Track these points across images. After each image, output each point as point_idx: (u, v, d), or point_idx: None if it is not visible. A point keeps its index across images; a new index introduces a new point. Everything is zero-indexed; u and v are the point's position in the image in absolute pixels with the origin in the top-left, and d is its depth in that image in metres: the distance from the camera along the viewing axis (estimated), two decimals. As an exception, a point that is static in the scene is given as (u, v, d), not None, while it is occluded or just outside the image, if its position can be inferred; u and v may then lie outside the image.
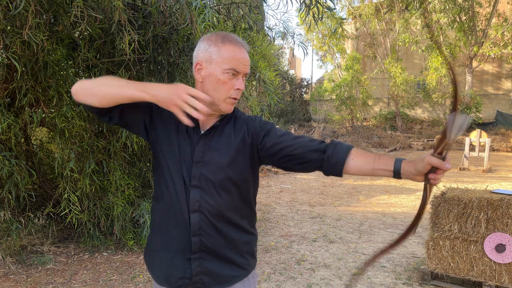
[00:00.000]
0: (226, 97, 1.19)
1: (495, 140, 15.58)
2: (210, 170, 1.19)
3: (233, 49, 1.18)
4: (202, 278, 1.21)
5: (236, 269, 1.25)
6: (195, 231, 1.19)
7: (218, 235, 1.21)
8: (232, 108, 1.23)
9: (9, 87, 3.30)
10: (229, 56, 1.17)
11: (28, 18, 2.55)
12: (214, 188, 1.19)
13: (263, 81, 3.96)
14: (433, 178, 0.99)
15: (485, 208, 2.99)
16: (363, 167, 1.12)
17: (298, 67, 37.90)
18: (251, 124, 1.24)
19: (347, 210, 6.24)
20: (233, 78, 1.18)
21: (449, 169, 0.97)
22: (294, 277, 3.46)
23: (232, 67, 1.17)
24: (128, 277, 3.43)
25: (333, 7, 3.78)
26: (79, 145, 3.61)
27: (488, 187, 3.57)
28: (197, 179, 1.19)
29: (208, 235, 1.20)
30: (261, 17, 4.51)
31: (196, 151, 1.20)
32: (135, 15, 3.26)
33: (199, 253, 1.20)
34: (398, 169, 1.07)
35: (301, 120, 23.06)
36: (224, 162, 1.20)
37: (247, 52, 1.21)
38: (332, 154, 1.13)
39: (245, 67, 1.19)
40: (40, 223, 4.20)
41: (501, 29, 17.18)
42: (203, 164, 1.19)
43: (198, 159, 1.20)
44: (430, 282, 3.30)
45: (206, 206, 1.19)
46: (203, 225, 1.19)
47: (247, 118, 1.27)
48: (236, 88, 1.19)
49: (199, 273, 1.20)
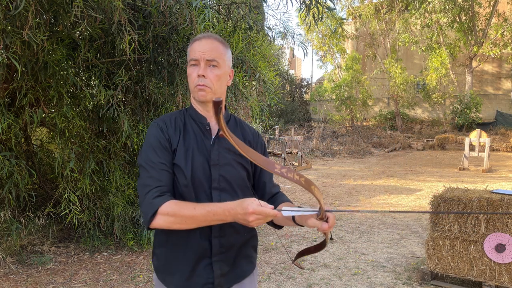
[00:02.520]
0: (194, 87, 1.23)
1: (495, 140, 15.59)
2: (228, 171, 1.24)
3: (194, 44, 1.24)
4: (221, 281, 1.23)
5: (247, 264, 1.31)
6: (216, 232, 1.21)
7: (236, 234, 1.25)
8: (203, 95, 1.23)
9: (9, 87, 3.30)
10: (190, 50, 1.25)
11: (28, 18, 2.55)
12: (233, 188, 1.24)
13: (263, 81, 3.96)
14: (320, 230, 1.07)
15: (485, 208, 2.99)
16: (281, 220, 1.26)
17: (298, 67, 37.91)
18: (256, 137, 1.37)
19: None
20: (196, 68, 1.23)
21: (328, 229, 1.06)
22: (294, 277, 3.46)
23: (191, 57, 1.23)
24: (128, 277, 3.44)
25: (333, 7, 3.78)
26: (79, 145, 3.62)
27: (488, 187, 3.57)
28: (217, 181, 1.22)
29: (226, 235, 1.23)
30: (261, 17, 4.51)
31: (212, 154, 1.23)
32: (135, 15, 3.26)
33: (219, 255, 1.22)
34: (295, 221, 1.20)
35: (301, 120, 23.07)
36: (239, 162, 1.26)
37: (211, 41, 1.23)
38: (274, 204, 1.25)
39: (204, 53, 1.21)
40: (40, 223, 4.20)
41: (501, 29, 17.18)
42: (220, 166, 1.23)
43: (215, 162, 1.23)
44: (430, 282, 3.30)
45: None
46: (223, 226, 1.20)
47: (253, 130, 1.39)
48: (197, 75, 1.22)
49: (220, 275, 1.23)
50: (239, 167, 1.27)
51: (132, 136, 3.55)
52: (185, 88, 3.68)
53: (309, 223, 1.10)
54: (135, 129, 3.64)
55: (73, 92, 3.69)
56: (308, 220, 1.10)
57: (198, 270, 1.21)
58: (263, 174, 1.36)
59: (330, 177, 9.91)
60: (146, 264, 3.72)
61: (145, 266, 3.68)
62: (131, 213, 3.97)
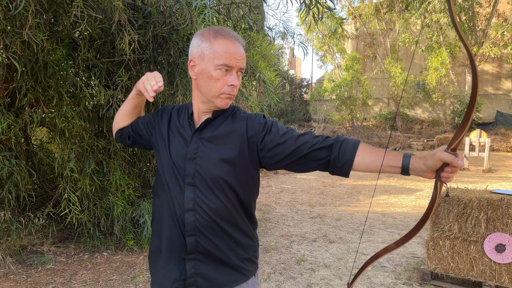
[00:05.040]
0: (220, 94, 1.14)
1: (495, 140, 15.59)
2: (204, 166, 1.14)
3: (225, 44, 1.12)
4: (197, 280, 1.16)
5: (233, 272, 1.18)
6: (190, 230, 1.14)
7: (215, 236, 1.15)
8: (228, 103, 1.17)
9: (9, 87, 3.30)
10: (221, 51, 1.12)
11: (28, 18, 2.55)
12: (209, 187, 1.14)
13: (263, 81, 3.96)
14: (445, 176, 0.93)
15: (485, 208, 2.99)
16: (370, 164, 1.06)
17: (298, 67, 37.89)
18: (251, 123, 1.17)
19: (347, 210, 6.24)
20: (226, 74, 1.13)
21: (461, 166, 0.91)
22: (294, 277, 3.46)
23: (224, 62, 1.11)
24: (128, 277, 3.43)
25: (333, 7, 3.78)
26: (79, 145, 3.61)
27: (488, 187, 3.57)
28: (191, 176, 1.14)
29: (203, 235, 1.15)
30: (261, 17, 4.51)
31: (190, 147, 1.16)
32: (135, 15, 3.26)
33: (194, 254, 1.16)
34: (407, 165, 1.00)
35: (301, 120, 23.07)
36: (218, 158, 1.14)
37: (241, 46, 1.16)
38: (338, 156, 1.07)
39: (239, 61, 1.13)
40: (40, 223, 4.20)
41: (501, 29, 17.17)
42: (196, 161, 1.15)
43: (192, 156, 1.15)
44: (430, 282, 3.30)
45: (202, 205, 1.14)
46: (198, 225, 1.14)
47: (247, 116, 1.20)
48: (230, 84, 1.13)
49: (194, 274, 1.16)
50: (221, 163, 1.13)
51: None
52: (185, 88, 3.68)
53: (437, 156, 0.92)
54: (135, 129, 3.63)
55: (73, 92, 3.69)
56: (435, 154, 0.92)
57: (171, 264, 1.18)
58: (284, 149, 1.12)
59: (330, 177, 9.91)
60: (146, 264, 3.71)
61: (145, 266, 3.67)
62: (131, 213, 3.96)
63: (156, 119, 1.32)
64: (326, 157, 1.08)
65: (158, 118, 1.32)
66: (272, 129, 1.15)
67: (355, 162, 1.06)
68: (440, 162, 0.93)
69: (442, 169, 0.93)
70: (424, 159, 0.97)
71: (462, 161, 0.91)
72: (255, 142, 1.16)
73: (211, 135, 1.17)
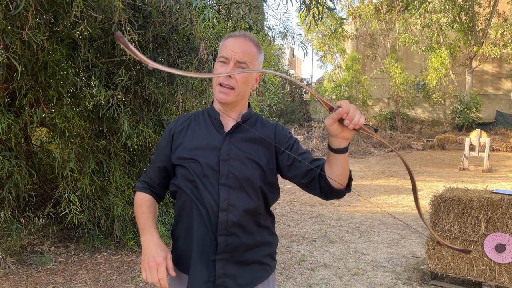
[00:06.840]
0: (216, 85, 1.19)
1: (495, 140, 15.59)
2: (236, 167, 1.19)
3: (229, 40, 1.20)
4: (225, 281, 1.18)
5: (258, 270, 1.23)
6: (222, 230, 1.17)
7: (244, 235, 1.19)
8: (223, 98, 1.19)
9: (9, 87, 3.30)
10: (222, 45, 1.21)
11: (28, 18, 2.55)
12: (242, 186, 1.19)
13: (263, 81, 3.96)
14: (348, 124, 1.00)
15: (485, 208, 2.99)
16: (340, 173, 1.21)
17: (298, 67, 37.92)
18: (279, 132, 1.28)
19: (347, 210, 6.24)
20: (223, 65, 1.19)
21: (342, 106, 0.97)
22: (294, 277, 3.46)
23: (221, 54, 1.19)
24: (128, 277, 3.43)
25: (333, 7, 3.78)
26: (79, 145, 3.62)
27: (488, 187, 3.57)
28: (225, 177, 1.18)
29: (233, 234, 1.18)
30: (261, 17, 4.51)
31: (223, 149, 1.20)
32: (135, 15, 3.26)
33: (223, 254, 1.18)
34: (329, 145, 1.11)
35: (301, 120, 23.08)
36: (250, 160, 1.20)
37: (247, 41, 1.19)
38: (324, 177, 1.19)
39: (235, 53, 1.17)
40: (40, 223, 4.20)
41: (501, 29, 17.18)
42: (229, 162, 1.19)
43: (225, 157, 1.19)
44: (430, 282, 3.30)
45: (234, 204, 1.17)
46: (230, 224, 1.17)
47: (275, 124, 1.30)
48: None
49: (222, 275, 1.18)
50: (252, 164, 1.20)
51: (132, 136, 3.55)
52: (185, 88, 3.68)
53: (327, 124, 1.03)
54: (135, 129, 3.64)
55: (73, 92, 3.69)
56: (326, 125, 1.04)
57: (200, 265, 1.18)
58: (297, 165, 1.24)
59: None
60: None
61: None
62: (131, 213, 3.96)
63: (170, 137, 1.29)
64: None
65: (171, 134, 1.29)
66: (294, 146, 1.26)
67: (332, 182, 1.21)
68: (333, 124, 1.02)
69: (343, 124, 1.01)
70: (329, 136, 1.10)
71: (342, 106, 0.97)
72: (278, 151, 1.26)
73: (242, 137, 1.23)
